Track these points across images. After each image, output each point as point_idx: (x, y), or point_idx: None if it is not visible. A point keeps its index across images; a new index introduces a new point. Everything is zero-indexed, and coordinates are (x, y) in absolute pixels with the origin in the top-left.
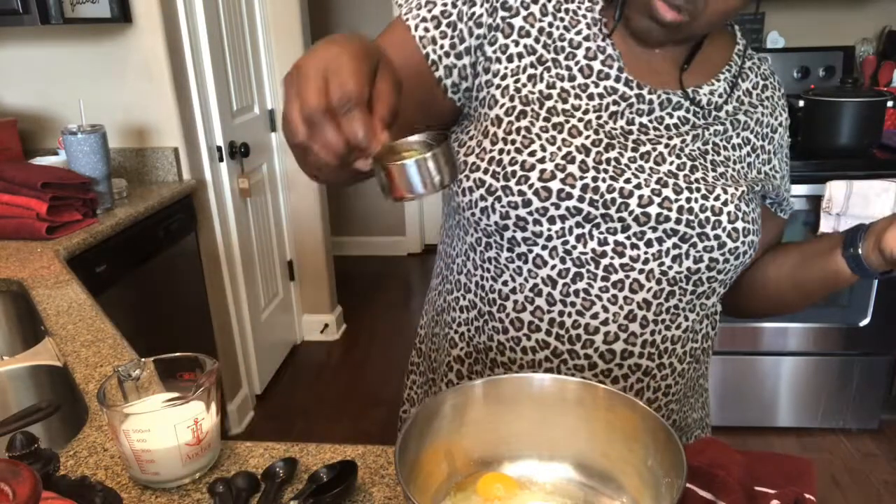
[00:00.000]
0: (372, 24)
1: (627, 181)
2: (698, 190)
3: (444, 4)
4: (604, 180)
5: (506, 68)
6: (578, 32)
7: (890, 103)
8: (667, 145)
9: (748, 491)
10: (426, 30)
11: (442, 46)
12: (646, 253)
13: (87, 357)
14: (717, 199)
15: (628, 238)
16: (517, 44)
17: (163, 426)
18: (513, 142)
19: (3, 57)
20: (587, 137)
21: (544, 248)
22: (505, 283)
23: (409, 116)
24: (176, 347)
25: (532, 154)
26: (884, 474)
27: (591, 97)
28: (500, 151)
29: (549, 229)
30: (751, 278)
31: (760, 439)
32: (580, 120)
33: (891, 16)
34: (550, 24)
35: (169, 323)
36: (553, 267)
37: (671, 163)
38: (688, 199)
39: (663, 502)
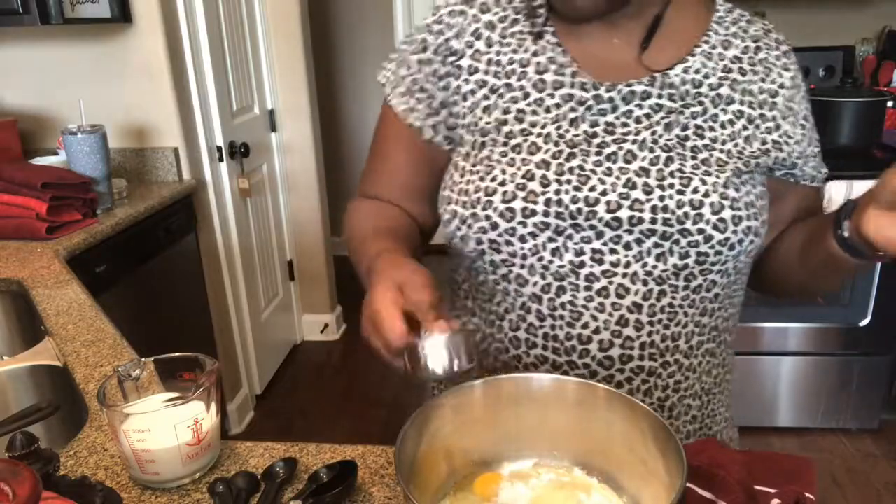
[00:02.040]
0: (371, 25)
1: (592, 188)
2: (671, 186)
3: (410, 75)
4: (567, 192)
5: (464, 107)
6: (526, 51)
7: (890, 103)
8: (635, 140)
9: (748, 491)
10: (405, 103)
11: (420, 111)
12: (626, 256)
13: (87, 357)
14: (695, 191)
15: (605, 244)
16: (468, 82)
17: (163, 426)
18: (477, 172)
19: (3, 57)
20: (546, 151)
21: (522, 266)
22: (498, 304)
23: (425, 180)
24: (176, 347)
25: (493, 179)
26: (884, 474)
27: (547, 110)
28: (467, 182)
29: (521, 248)
30: (771, 259)
31: (760, 439)
32: (538, 135)
33: (891, 16)
34: (498, 53)
35: (169, 323)
36: (535, 284)
37: (643, 158)
38: (661, 198)
39: (663, 502)
